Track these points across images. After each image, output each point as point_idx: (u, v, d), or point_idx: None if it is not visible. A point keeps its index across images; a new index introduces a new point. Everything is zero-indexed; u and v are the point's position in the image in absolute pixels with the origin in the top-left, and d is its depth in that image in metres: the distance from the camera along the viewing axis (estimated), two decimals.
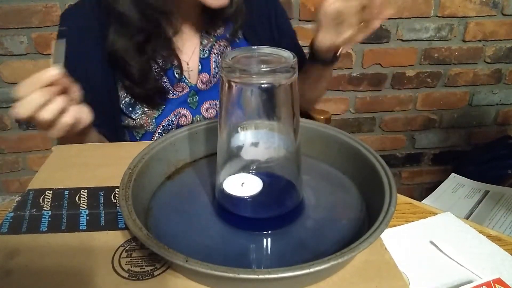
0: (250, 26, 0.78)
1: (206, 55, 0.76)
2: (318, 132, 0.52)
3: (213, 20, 0.74)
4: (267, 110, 0.39)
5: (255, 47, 0.41)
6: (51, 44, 0.55)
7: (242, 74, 0.36)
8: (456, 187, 1.20)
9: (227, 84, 0.38)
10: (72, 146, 0.56)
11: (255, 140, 0.42)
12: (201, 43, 0.75)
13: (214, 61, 0.76)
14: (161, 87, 0.71)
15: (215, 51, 0.76)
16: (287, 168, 0.43)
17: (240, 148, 0.42)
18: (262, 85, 0.37)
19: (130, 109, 0.72)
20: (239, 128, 0.41)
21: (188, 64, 0.74)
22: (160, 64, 0.71)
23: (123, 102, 0.72)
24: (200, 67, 0.75)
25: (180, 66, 0.72)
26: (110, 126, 0.71)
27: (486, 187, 1.16)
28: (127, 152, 0.47)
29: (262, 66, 0.36)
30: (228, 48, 0.78)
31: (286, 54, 0.39)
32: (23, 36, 1.18)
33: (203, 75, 0.75)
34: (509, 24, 1.33)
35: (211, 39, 0.76)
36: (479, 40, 1.35)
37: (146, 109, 0.72)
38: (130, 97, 0.71)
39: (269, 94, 0.38)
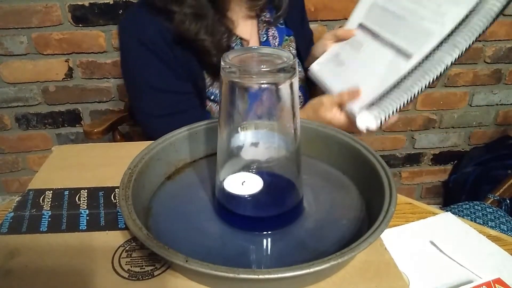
0: (289, 13, 0.85)
1: (265, 38, 0.82)
2: (318, 132, 0.52)
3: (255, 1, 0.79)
4: (267, 110, 0.39)
5: (255, 47, 0.41)
6: None
7: (242, 74, 0.36)
8: None
9: (227, 84, 0.38)
10: (72, 146, 0.56)
11: (255, 140, 0.42)
12: (258, 29, 0.81)
13: (272, 44, 0.83)
14: None
15: (270, 34, 0.83)
16: (287, 168, 0.43)
17: (240, 148, 0.42)
18: (262, 85, 0.37)
19: (217, 93, 0.76)
20: (239, 128, 0.41)
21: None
22: (225, 39, 0.73)
23: (210, 88, 0.76)
24: None
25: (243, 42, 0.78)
26: (199, 108, 0.78)
27: None
28: (127, 152, 0.47)
29: (262, 66, 0.36)
30: (275, 33, 0.83)
31: (286, 54, 0.39)
32: (23, 36, 1.17)
33: None
34: (509, 24, 1.33)
35: (265, 25, 0.82)
36: (479, 40, 1.35)
37: None
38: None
39: (269, 94, 0.38)
